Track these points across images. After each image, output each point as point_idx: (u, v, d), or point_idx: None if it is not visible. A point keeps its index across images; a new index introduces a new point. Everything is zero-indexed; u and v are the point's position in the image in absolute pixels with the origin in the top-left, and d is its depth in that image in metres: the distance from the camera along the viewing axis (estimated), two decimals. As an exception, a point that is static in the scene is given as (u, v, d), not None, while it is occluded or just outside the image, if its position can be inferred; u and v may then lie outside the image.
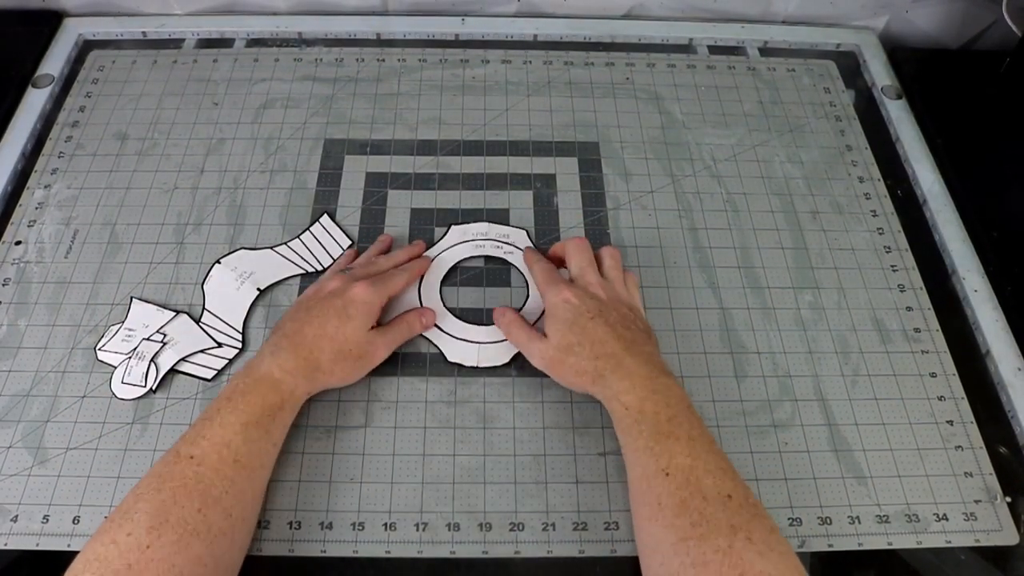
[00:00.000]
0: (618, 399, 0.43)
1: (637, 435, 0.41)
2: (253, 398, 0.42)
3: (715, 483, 0.38)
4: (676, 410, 0.41)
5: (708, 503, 0.37)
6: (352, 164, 0.61)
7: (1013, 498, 0.46)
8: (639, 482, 0.41)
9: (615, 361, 0.43)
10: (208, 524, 0.38)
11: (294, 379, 0.44)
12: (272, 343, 0.45)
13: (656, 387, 0.42)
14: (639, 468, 0.41)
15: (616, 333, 0.44)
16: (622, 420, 0.42)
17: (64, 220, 0.57)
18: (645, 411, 0.41)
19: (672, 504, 0.38)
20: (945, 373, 0.51)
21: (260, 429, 0.41)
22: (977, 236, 0.58)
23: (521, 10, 0.73)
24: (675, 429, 0.41)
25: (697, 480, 0.38)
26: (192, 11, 0.71)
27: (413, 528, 0.44)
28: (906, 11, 0.72)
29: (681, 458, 0.39)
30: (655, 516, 0.39)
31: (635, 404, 0.42)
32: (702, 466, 0.39)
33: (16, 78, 0.65)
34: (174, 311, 0.52)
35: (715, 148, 0.63)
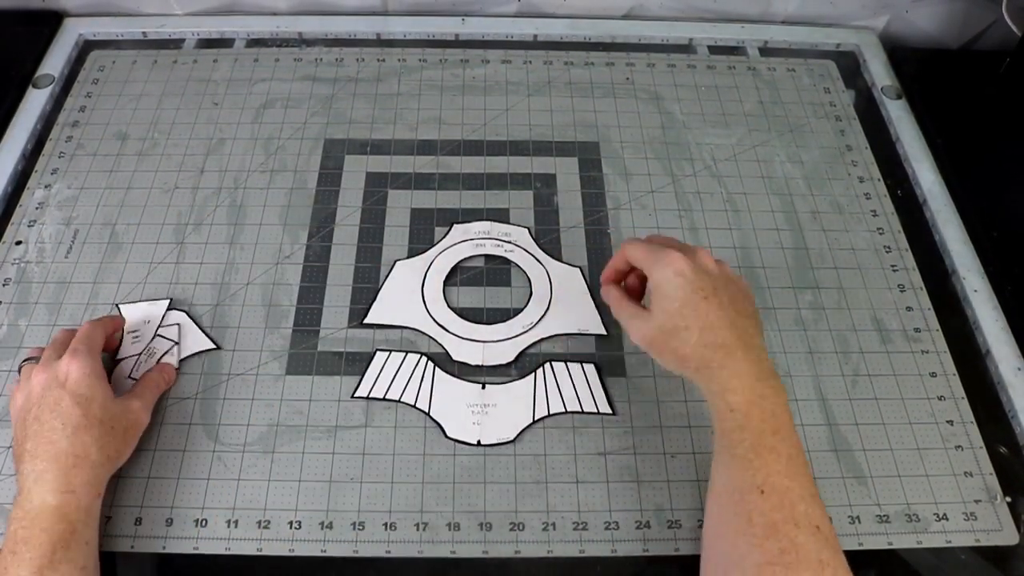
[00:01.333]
0: (724, 398, 0.39)
1: (738, 442, 0.38)
2: (39, 539, 0.37)
3: (807, 511, 0.36)
4: (780, 422, 0.39)
5: (800, 531, 0.36)
6: (352, 164, 0.61)
7: (1013, 498, 0.46)
8: (729, 492, 0.38)
9: (725, 352, 0.40)
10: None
11: (74, 495, 0.39)
12: (28, 471, 0.39)
13: (765, 392, 0.39)
14: (732, 479, 0.38)
15: (729, 319, 0.40)
16: (725, 421, 0.39)
17: (64, 220, 0.57)
18: (751, 417, 0.38)
19: (763, 524, 0.36)
20: (945, 373, 0.51)
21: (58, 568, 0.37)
22: (977, 236, 0.58)
23: (521, 10, 0.73)
24: (778, 444, 0.38)
25: (791, 504, 0.36)
26: (192, 11, 0.71)
27: (413, 528, 0.44)
28: (906, 11, 0.72)
29: (779, 478, 0.37)
30: (743, 531, 0.37)
31: (742, 407, 0.39)
32: (797, 490, 0.37)
33: (16, 78, 0.65)
34: (166, 299, 0.52)
35: (715, 148, 0.63)
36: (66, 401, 0.41)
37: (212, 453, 0.47)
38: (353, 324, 0.52)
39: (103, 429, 0.41)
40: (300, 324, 0.52)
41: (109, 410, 0.42)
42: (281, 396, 0.49)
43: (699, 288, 0.40)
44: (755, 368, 0.39)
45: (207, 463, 0.46)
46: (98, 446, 0.41)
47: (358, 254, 0.55)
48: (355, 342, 0.51)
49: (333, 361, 0.50)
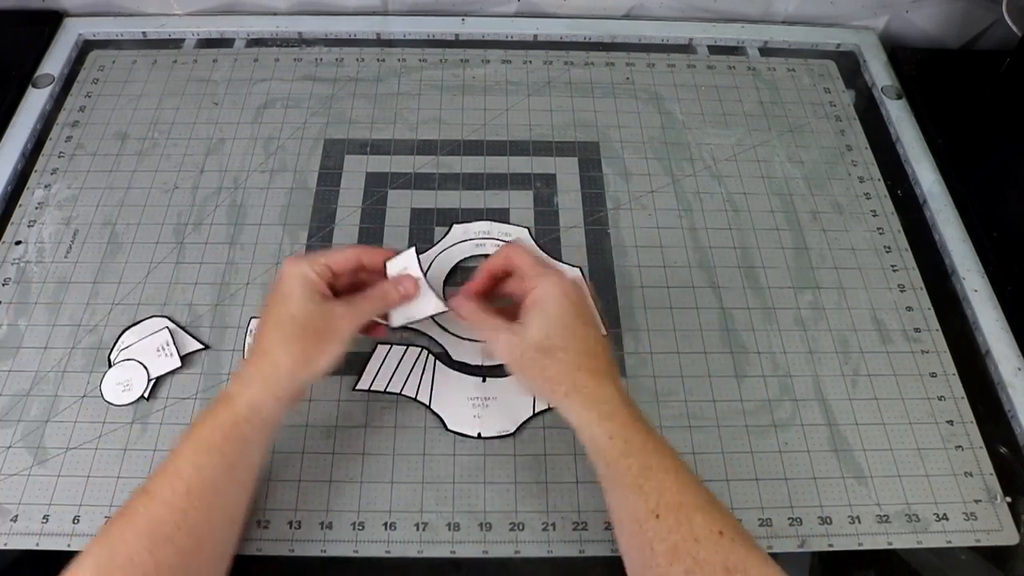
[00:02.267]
0: (602, 426, 0.38)
1: (625, 470, 0.37)
2: (205, 419, 0.39)
3: (704, 520, 0.36)
4: (657, 441, 0.38)
5: (700, 545, 0.35)
6: (352, 164, 0.61)
7: (1013, 498, 0.46)
8: (630, 524, 0.37)
9: (598, 380, 0.39)
10: (156, 561, 0.35)
11: (247, 388, 0.39)
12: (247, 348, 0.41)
13: (635, 414, 0.39)
14: (627, 510, 0.37)
15: (604, 347, 0.40)
16: (607, 451, 0.38)
17: (64, 220, 0.57)
18: (632, 442, 0.38)
19: (664, 551, 0.35)
20: (945, 373, 0.51)
21: (212, 453, 0.38)
22: (977, 236, 0.58)
23: (521, 10, 0.73)
24: (662, 460, 0.38)
25: (688, 519, 0.36)
26: (192, 11, 0.71)
27: (413, 528, 0.44)
28: (906, 11, 0.72)
29: (670, 495, 0.36)
30: (648, 563, 0.36)
31: (622, 433, 0.38)
32: (691, 502, 0.36)
33: (16, 78, 0.65)
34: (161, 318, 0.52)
35: (715, 148, 0.63)
36: (273, 298, 0.41)
37: (212, 453, 0.46)
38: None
39: (293, 328, 0.40)
40: (300, 324, 0.52)
41: (304, 310, 0.40)
42: (281, 396, 0.49)
43: (581, 312, 0.40)
44: (621, 394, 0.39)
45: (207, 463, 0.46)
46: (283, 346, 0.39)
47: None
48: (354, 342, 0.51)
49: (333, 361, 0.50)
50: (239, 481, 0.40)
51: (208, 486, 0.38)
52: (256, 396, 0.39)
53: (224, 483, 0.38)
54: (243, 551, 0.43)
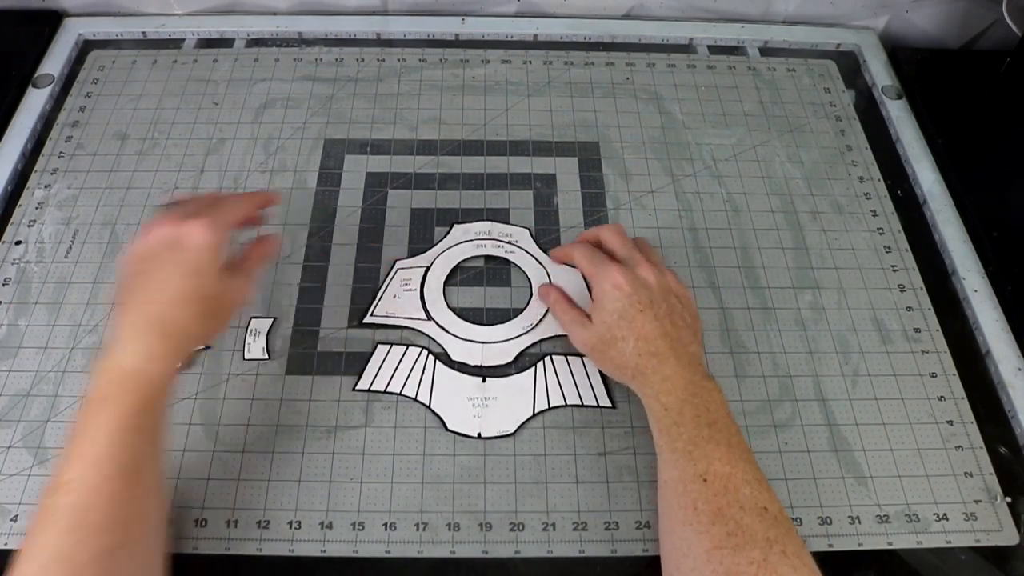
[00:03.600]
0: (658, 399, 0.42)
1: (676, 437, 0.40)
2: (123, 399, 0.37)
3: (752, 494, 0.38)
4: (716, 415, 0.41)
5: (745, 513, 0.37)
6: (352, 164, 0.61)
7: (1013, 498, 0.46)
8: (675, 484, 0.39)
9: (659, 360, 0.42)
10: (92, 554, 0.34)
11: (163, 363, 0.38)
12: (126, 323, 0.39)
13: (697, 391, 0.41)
14: (675, 471, 0.40)
15: (664, 329, 0.43)
16: (661, 420, 0.41)
17: (64, 220, 0.57)
18: (685, 414, 0.40)
19: (708, 511, 0.37)
20: (945, 373, 0.51)
21: (130, 433, 0.37)
22: (977, 236, 0.58)
23: (521, 10, 0.73)
24: (715, 434, 0.40)
25: (735, 489, 0.38)
26: (192, 11, 0.71)
27: (413, 528, 0.44)
28: (906, 11, 0.72)
29: (720, 465, 0.38)
30: (689, 520, 0.38)
31: (675, 406, 0.41)
32: (740, 475, 0.38)
33: (16, 78, 0.65)
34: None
35: (715, 148, 0.63)
36: (179, 269, 0.39)
37: (212, 453, 0.46)
38: (353, 324, 0.52)
39: (205, 305, 0.40)
40: (300, 324, 0.52)
41: (216, 287, 0.40)
42: (281, 396, 0.49)
43: (636, 301, 0.43)
44: (687, 372, 0.42)
45: (207, 463, 0.46)
46: (197, 322, 0.39)
47: (358, 254, 0.55)
48: (355, 342, 0.51)
49: (333, 361, 0.50)
50: (157, 452, 0.39)
51: (132, 467, 0.37)
52: (167, 369, 0.39)
53: (146, 460, 0.38)
54: (242, 551, 0.43)
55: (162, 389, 0.39)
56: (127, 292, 0.40)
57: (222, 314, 0.42)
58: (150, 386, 0.38)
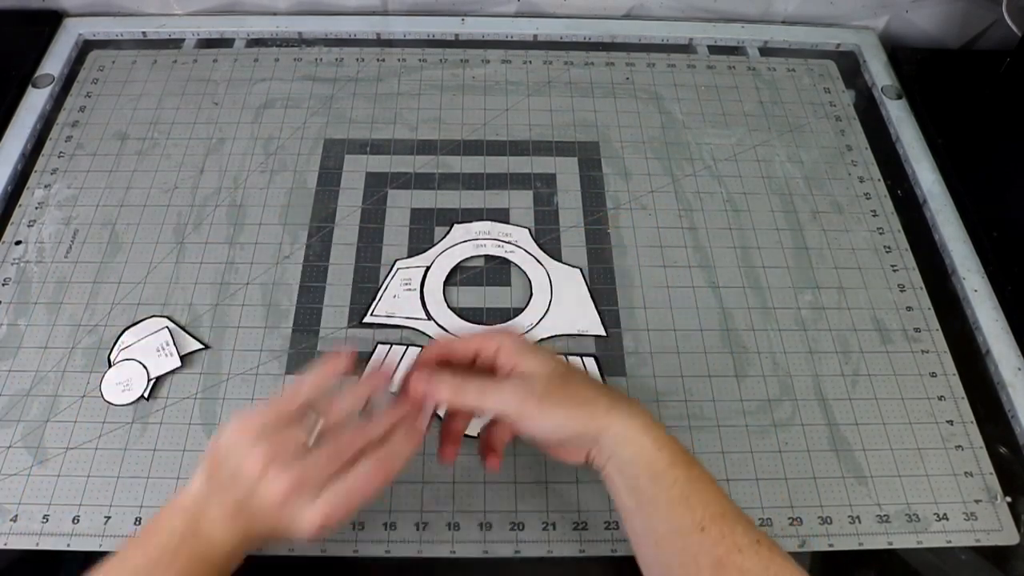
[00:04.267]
0: (648, 434, 0.36)
1: (672, 483, 0.36)
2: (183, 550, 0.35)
3: (744, 530, 0.35)
4: (690, 453, 0.37)
5: (744, 555, 0.34)
6: (352, 164, 0.61)
7: (1013, 498, 0.46)
8: (671, 539, 0.36)
9: (618, 398, 0.38)
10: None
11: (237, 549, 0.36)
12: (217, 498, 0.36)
13: (663, 427, 0.37)
14: (670, 523, 0.36)
15: None
16: (654, 463, 0.36)
17: (64, 220, 0.57)
18: (676, 451, 0.36)
19: (710, 564, 0.34)
20: (945, 373, 0.51)
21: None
22: (977, 236, 0.58)
23: (521, 10, 0.73)
24: (702, 472, 0.36)
25: (731, 532, 0.35)
26: (192, 11, 0.71)
27: (413, 528, 0.44)
28: (906, 11, 0.72)
29: (714, 507, 0.35)
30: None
31: (668, 444, 0.36)
32: (731, 513, 0.36)
33: (16, 78, 0.65)
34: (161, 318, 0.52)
35: (715, 148, 0.63)
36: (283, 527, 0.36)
37: (212, 453, 0.46)
38: (353, 324, 0.52)
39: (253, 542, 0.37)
40: (300, 324, 0.52)
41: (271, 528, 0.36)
42: (281, 396, 0.49)
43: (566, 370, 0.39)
44: (649, 413, 0.38)
45: (207, 463, 0.46)
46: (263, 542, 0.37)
47: (358, 254, 0.55)
48: (355, 342, 0.51)
49: (333, 361, 0.50)
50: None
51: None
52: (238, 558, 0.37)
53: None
54: (243, 551, 0.43)
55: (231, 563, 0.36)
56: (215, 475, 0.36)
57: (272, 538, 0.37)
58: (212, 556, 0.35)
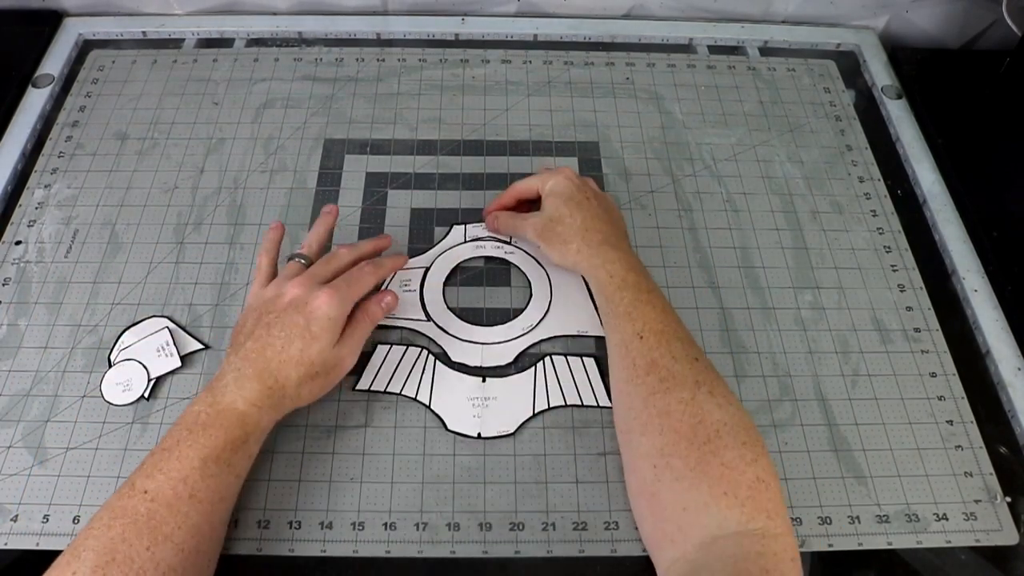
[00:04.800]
0: (604, 267, 0.46)
1: (619, 301, 0.45)
2: (215, 432, 0.40)
3: (683, 348, 0.43)
4: (652, 286, 0.46)
5: (676, 362, 0.42)
6: (352, 164, 0.61)
7: (1013, 498, 0.46)
8: (617, 347, 0.45)
9: (601, 237, 0.48)
10: (156, 562, 0.36)
11: (260, 411, 0.41)
12: (235, 366, 0.42)
13: (636, 266, 0.47)
14: (618, 334, 0.45)
15: (604, 219, 0.49)
16: (605, 287, 0.46)
17: (64, 220, 0.57)
18: (627, 280, 0.46)
19: (644, 364, 0.42)
20: (945, 373, 0.51)
21: (221, 464, 0.39)
22: (977, 236, 0.58)
23: (521, 10, 0.73)
24: (653, 299, 0.45)
25: (667, 343, 0.43)
26: (192, 11, 0.71)
27: (413, 528, 0.44)
28: (906, 11, 0.72)
29: (654, 323, 0.43)
30: (629, 376, 0.43)
31: (619, 273, 0.46)
32: (672, 332, 0.43)
33: (16, 78, 0.65)
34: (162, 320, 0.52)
35: (715, 148, 0.63)
36: (298, 332, 0.42)
37: (212, 453, 0.46)
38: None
39: (310, 371, 0.42)
40: (300, 324, 0.52)
41: (324, 356, 0.43)
42: (281, 396, 0.49)
43: (582, 190, 0.50)
44: (627, 256, 0.47)
45: (207, 463, 0.46)
46: (298, 383, 0.42)
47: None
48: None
49: (333, 361, 0.50)
50: (233, 495, 0.41)
51: (214, 495, 0.39)
52: (265, 419, 0.42)
53: (227, 494, 0.41)
54: (243, 551, 0.43)
55: (255, 434, 0.42)
56: (247, 339, 0.43)
57: (326, 381, 0.44)
58: (244, 428, 0.41)
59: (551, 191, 0.51)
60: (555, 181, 0.51)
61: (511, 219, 0.53)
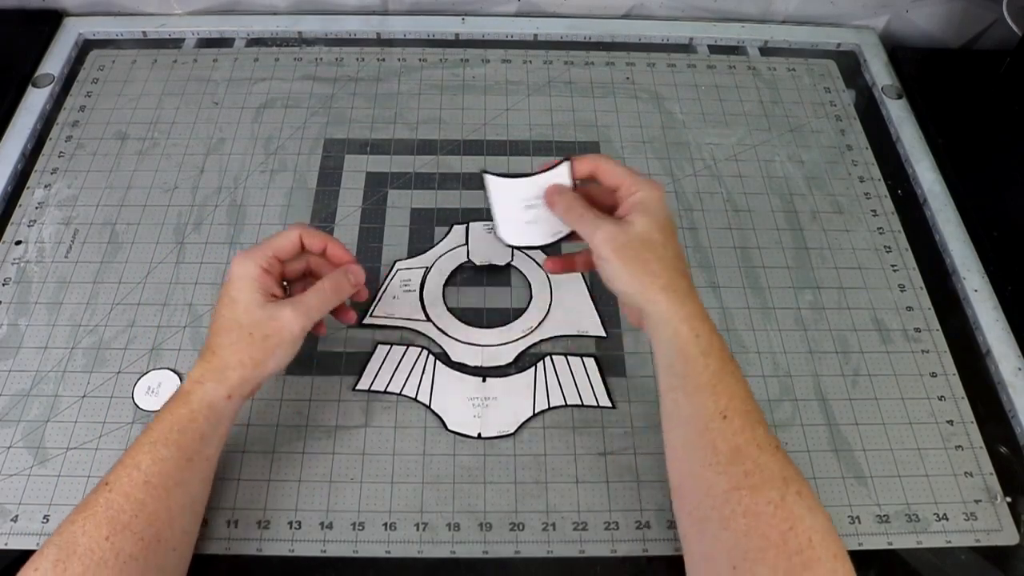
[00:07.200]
0: (690, 323, 0.39)
1: (702, 369, 0.38)
2: (162, 414, 0.40)
3: (766, 434, 0.37)
4: (729, 352, 0.39)
5: (763, 452, 0.36)
6: (352, 164, 0.61)
7: (1013, 498, 0.46)
8: (694, 424, 0.38)
9: (688, 284, 0.40)
10: (116, 551, 0.36)
11: (202, 387, 0.40)
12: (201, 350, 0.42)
13: (713, 326, 0.40)
14: (694, 408, 0.38)
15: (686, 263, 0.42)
16: (688, 348, 0.39)
17: (64, 220, 0.57)
18: (713, 345, 0.39)
19: (727, 450, 0.37)
20: (945, 373, 0.51)
21: (170, 446, 0.39)
22: (977, 236, 0.58)
23: (521, 10, 0.73)
24: (735, 369, 0.39)
25: (753, 428, 0.37)
26: (192, 11, 0.71)
27: (413, 528, 0.44)
28: (906, 11, 0.71)
29: (740, 402, 0.38)
30: (709, 461, 0.37)
31: (706, 334, 0.39)
32: (756, 414, 0.38)
33: (16, 78, 0.65)
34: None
35: (715, 148, 0.63)
36: (223, 299, 0.42)
37: (212, 453, 0.46)
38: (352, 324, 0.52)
39: (241, 334, 0.41)
40: (300, 324, 0.52)
41: (252, 315, 0.41)
42: (281, 396, 0.49)
43: (672, 221, 0.42)
44: (705, 313, 0.40)
45: (207, 463, 0.46)
46: (232, 348, 0.41)
47: (358, 254, 0.55)
48: (355, 342, 0.51)
49: (333, 361, 0.50)
50: (196, 472, 0.41)
51: (166, 477, 0.39)
52: (209, 393, 0.40)
53: (181, 474, 0.40)
54: (243, 551, 0.43)
55: (203, 412, 0.40)
56: None
57: (264, 345, 0.41)
58: (188, 405, 0.40)
59: (644, 205, 0.41)
60: (650, 194, 0.41)
61: (584, 209, 0.42)
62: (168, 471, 0.39)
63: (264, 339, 0.41)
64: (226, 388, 0.41)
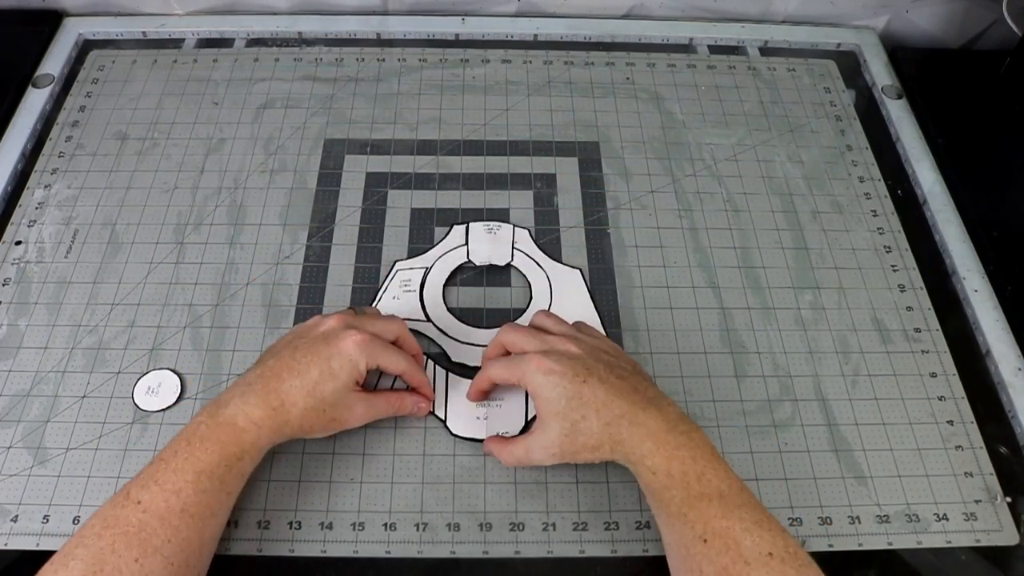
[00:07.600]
0: (643, 463, 0.40)
1: (668, 501, 0.39)
2: (211, 446, 0.39)
3: (754, 542, 0.36)
4: (703, 465, 0.39)
5: (751, 567, 0.36)
6: (352, 164, 0.61)
7: (1013, 498, 0.46)
8: (677, 548, 0.39)
9: (628, 421, 0.40)
10: (145, 574, 0.36)
11: (259, 431, 0.41)
12: (247, 381, 0.42)
13: (679, 442, 0.40)
14: (674, 535, 0.39)
15: (616, 389, 0.41)
16: (650, 485, 0.40)
17: (64, 220, 0.57)
18: (673, 474, 0.39)
19: (714, 572, 0.36)
20: (945, 373, 0.51)
21: (214, 479, 0.39)
22: (977, 236, 0.58)
23: (521, 10, 0.73)
24: (705, 489, 0.38)
25: (736, 543, 0.36)
26: (192, 11, 0.71)
27: (413, 528, 0.44)
28: (906, 11, 0.71)
29: (716, 521, 0.37)
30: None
31: (662, 466, 0.39)
32: (738, 526, 0.37)
33: (16, 78, 0.65)
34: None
35: (715, 148, 0.63)
36: (319, 363, 0.42)
37: (212, 453, 0.46)
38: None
39: (317, 406, 0.42)
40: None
41: (336, 396, 0.42)
42: (281, 396, 0.49)
43: (573, 376, 0.41)
44: (662, 423, 0.40)
45: (207, 463, 0.46)
46: (303, 412, 0.41)
47: (358, 254, 0.55)
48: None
49: (333, 361, 0.50)
50: (230, 505, 0.41)
51: (205, 511, 0.39)
52: (263, 440, 0.41)
53: (219, 506, 0.40)
54: (243, 551, 0.43)
55: (251, 453, 0.41)
56: (271, 356, 0.43)
57: (328, 424, 0.43)
58: (240, 444, 0.40)
59: (540, 395, 0.41)
60: (537, 380, 0.41)
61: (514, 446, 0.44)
62: (207, 502, 0.39)
63: (331, 420, 0.43)
64: (276, 440, 0.42)
